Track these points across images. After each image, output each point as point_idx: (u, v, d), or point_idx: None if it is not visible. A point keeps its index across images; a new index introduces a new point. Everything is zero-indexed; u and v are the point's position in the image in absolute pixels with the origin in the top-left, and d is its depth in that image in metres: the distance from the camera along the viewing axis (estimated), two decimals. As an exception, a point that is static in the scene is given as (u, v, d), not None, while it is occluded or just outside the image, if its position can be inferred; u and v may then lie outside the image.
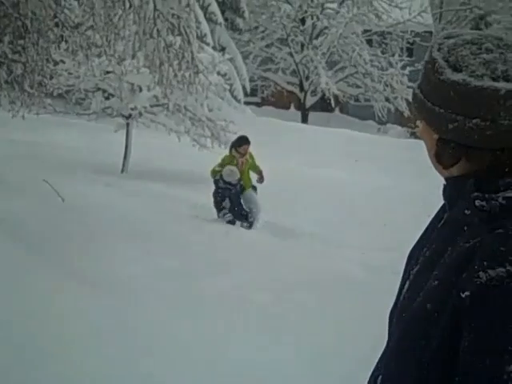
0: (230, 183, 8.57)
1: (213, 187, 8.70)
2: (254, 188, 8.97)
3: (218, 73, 11.24)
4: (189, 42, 6.17)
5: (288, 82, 28.93)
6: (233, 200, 8.62)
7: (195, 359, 4.08)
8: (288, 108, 30.24)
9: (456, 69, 1.19)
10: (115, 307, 4.78)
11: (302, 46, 27.95)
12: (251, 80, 25.79)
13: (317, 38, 27.62)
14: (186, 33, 6.09)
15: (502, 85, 1.15)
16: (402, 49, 29.16)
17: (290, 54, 27.89)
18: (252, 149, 9.03)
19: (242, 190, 8.80)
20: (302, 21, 27.76)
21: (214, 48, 17.26)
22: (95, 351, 3.94)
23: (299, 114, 27.95)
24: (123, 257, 6.11)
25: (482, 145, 1.19)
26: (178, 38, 6.22)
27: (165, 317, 4.73)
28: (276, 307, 5.22)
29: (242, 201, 8.78)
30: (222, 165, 8.75)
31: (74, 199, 7.73)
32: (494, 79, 1.16)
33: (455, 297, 1.13)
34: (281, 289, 5.73)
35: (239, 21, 25.71)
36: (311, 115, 27.71)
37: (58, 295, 4.80)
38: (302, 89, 28.14)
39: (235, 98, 21.10)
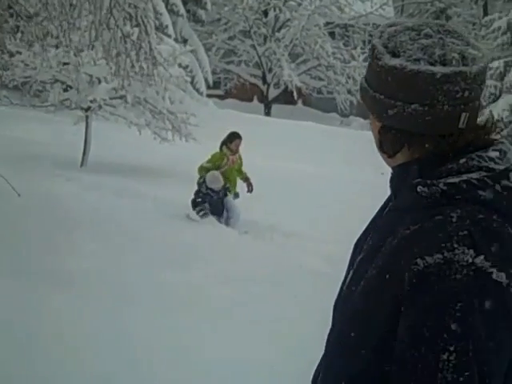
0: (212, 190, 8.16)
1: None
2: (237, 194, 8.61)
3: (180, 65, 11.10)
4: (146, 32, 6.06)
5: (251, 75, 28.85)
6: (213, 205, 8.22)
7: (156, 353, 4.03)
8: (251, 100, 30.16)
9: (394, 54, 1.17)
10: (76, 301, 4.72)
11: (265, 38, 27.89)
12: (214, 72, 25.63)
13: (279, 30, 27.60)
14: (143, 23, 5.98)
15: (438, 69, 1.13)
16: (364, 41, 29.33)
17: (253, 47, 27.80)
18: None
19: (225, 194, 8.37)
20: (265, 13, 27.69)
21: (175, 40, 17.10)
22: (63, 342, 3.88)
23: (262, 106, 27.91)
24: (83, 251, 6.03)
25: (422, 131, 1.17)
26: (136, 29, 6.10)
27: (126, 311, 4.66)
28: (239, 300, 5.20)
29: (223, 207, 8.37)
30: (211, 162, 8.30)
31: (31, 194, 7.56)
32: (430, 63, 1.14)
33: (394, 285, 1.10)
34: (243, 281, 5.71)
35: (201, 12, 25.54)
36: (274, 108, 27.69)
37: (18, 293, 4.71)
38: (264, 81, 28.10)
39: (197, 90, 20.95)
